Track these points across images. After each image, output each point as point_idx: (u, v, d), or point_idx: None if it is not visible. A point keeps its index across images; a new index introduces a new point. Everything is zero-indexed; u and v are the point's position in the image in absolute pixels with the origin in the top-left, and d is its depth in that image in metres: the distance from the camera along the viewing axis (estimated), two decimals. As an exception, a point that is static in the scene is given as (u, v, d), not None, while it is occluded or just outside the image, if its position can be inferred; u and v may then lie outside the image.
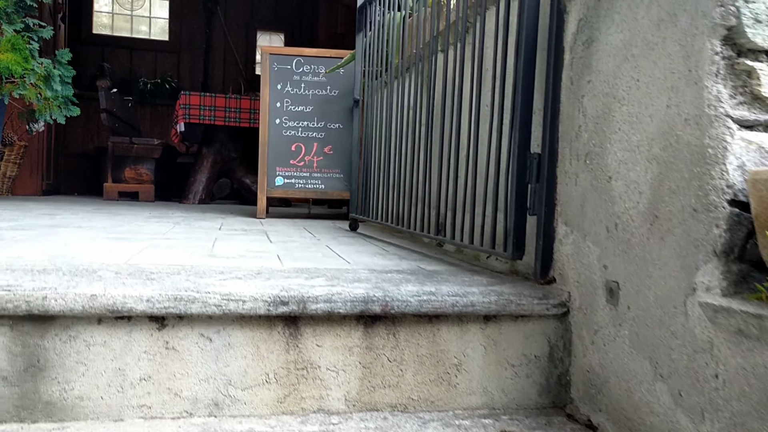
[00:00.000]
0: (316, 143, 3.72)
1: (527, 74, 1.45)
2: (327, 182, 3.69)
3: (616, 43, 1.21)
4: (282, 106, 3.71)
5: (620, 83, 1.19)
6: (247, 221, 3.30)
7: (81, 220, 2.82)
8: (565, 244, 1.38)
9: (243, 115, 5.32)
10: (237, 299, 1.20)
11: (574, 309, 1.35)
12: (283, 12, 8.93)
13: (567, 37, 1.40)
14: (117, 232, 2.33)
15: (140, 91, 8.01)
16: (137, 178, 5.45)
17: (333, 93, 3.77)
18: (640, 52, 1.13)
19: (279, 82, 3.72)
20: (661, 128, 1.07)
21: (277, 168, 3.65)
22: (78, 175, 7.42)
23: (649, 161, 1.10)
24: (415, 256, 1.94)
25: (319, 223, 3.41)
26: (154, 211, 3.82)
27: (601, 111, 1.26)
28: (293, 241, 2.27)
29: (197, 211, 4.06)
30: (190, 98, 5.18)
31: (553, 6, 1.41)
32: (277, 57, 3.74)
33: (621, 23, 1.20)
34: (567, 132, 1.38)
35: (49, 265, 1.40)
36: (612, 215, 1.21)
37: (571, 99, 1.37)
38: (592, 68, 1.29)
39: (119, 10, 8.39)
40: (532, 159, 1.45)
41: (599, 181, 1.26)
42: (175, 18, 8.48)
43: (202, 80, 8.56)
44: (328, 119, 3.74)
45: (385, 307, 1.26)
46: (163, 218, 3.24)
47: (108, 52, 8.23)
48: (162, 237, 2.19)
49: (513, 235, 1.46)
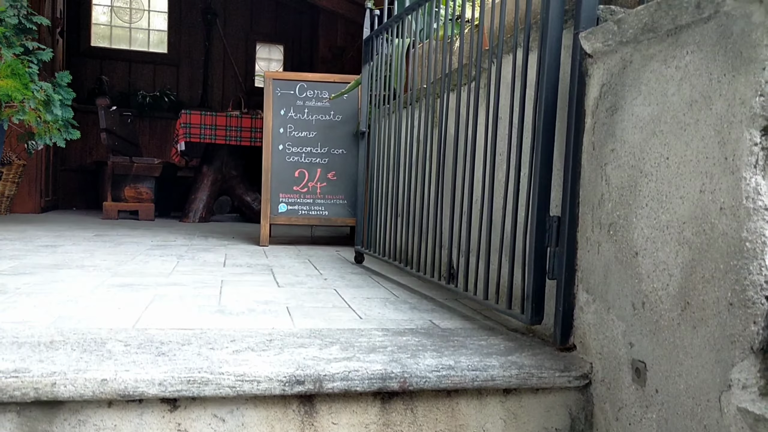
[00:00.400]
0: (319, 169, 3.68)
1: (546, 134, 1.42)
2: (330, 208, 3.65)
3: (643, 115, 1.18)
4: (285, 132, 3.67)
5: (647, 158, 1.16)
6: (251, 251, 3.26)
7: (83, 255, 2.78)
8: (587, 313, 1.35)
9: (244, 134, 5.28)
10: (251, 380, 1.16)
11: (596, 381, 1.31)
12: (283, 24, 8.90)
13: (589, 101, 1.36)
14: (121, 273, 2.29)
15: (139, 105, 7.97)
16: (137, 197, 5.41)
17: (336, 118, 3.73)
18: (670, 129, 1.10)
19: (282, 107, 3.68)
20: (693, 212, 1.03)
21: (281, 194, 3.61)
22: (76, 190, 7.36)
23: (680, 244, 1.06)
24: (426, 305, 1.90)
25: (324, 252, 3.37)
26: (156, 237, 3.78)
27: (626, 182, 1.22)
28: (301, 283, 2.23)
29: (199, 236, 4.02)
30: (191, 117, 5.14)
31: (574, 67, 1.38)
32: (280, 82, 3.71)
33: (648, 96, 1.17)
34: (588, 197, 1.35)
35: (56, 334, 1.36)
36: (639, 293, 1.17)
37: (593, 165, 1.33)
38: (616, 137, 1.26)
39: (118, 23, 8.35)
40: (552, 222, 1.41)
41: (624, 254, 1.22)
42: (174, 30, 8.44)
43: (202, 93, 8.52)
44: (332, 145, 3.71)
45: (404, 383, 1.22)
46: (165, 248, 3.19)
47: (107, 65, 8.18)
48: (167, 282, 2.14)
49: (531, 299, 1.42)
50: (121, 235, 3.82)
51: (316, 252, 3.33)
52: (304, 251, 3.34)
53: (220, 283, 2.16)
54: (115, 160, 5.30)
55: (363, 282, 2.32)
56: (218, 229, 4.71)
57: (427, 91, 2.22)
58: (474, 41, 1.97)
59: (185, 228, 4.69)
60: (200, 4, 8.49)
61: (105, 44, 8.29)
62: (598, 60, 1.34)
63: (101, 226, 4.49)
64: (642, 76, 1.19)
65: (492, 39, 1.87)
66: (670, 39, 1.11)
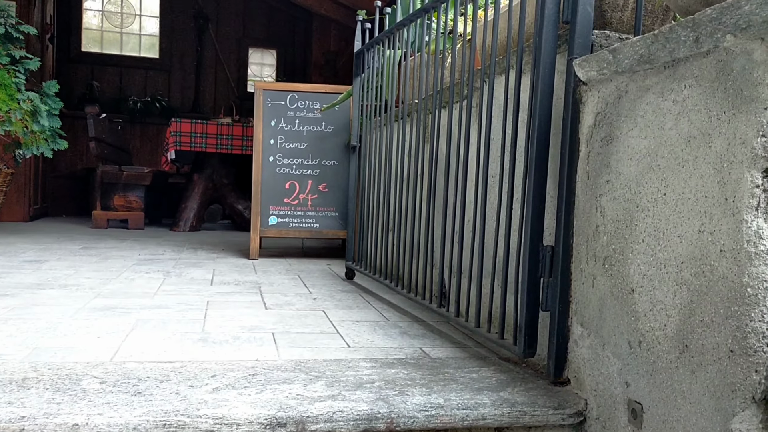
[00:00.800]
0: (310, 181, 3.63)
1: (540, 161, 1.38)
2: (322, 221, 3.61)
3: (639, 148, 1.14)
4: (276, 143, 3.62)
5: (644, 192, 1.12)
6: (240, 266, 3.21)
7: (67, 273, 2.72)
8: (581, 347, 1.30)
9: (235, 142, 5.23)
10: (231, 422, 1.11)
11: (591, 419, 1.27)
12: (276, 29, 8.84)
13: (583, 129, 1.32)
14: (104, 294, 2.23)
15: (130, 110, 7.89)
16: (126, 206, 5.34)
17: (328, 129, 3.68)
18: (668, 165, 1.06)
19: (273, 118, 3.63)
20: (692, 253, 0.99)
21: (271, 207, 3.56)
22: (66, 197, 7.29)
23: (679, 285, 1.02)
24: (417, 329, 1.86)
25: (314, 266, 3.33)
26: (144, 250, 3.72)
27: (621, 216, 1.18)
28: (289, 304, 2.18)
29: (188, 248, 3.96)
30: (181, 125, 5.08)
31: (568, 93, 1.34)
32: (270, 93, 3.66)
33: (645, 128, 1.13)
34: (583, 228, 1.31)
35: (30, 369, 1.31)
36: (635, 331, 1.13)
37: (588, 195, 1.29)
38: (611, 168, 1.22)
39: (109, 28, 8.28)
40: (545, 252, 1.37)
41: (620, 290, 1.18)
42: (166, 35, 8.37)
43: (194, 98, 8.45)
44: (323, 156, 3.66)
45: (390, 424, 1.18)
46: (152, 263, 3.14)
47: (98, 70, 8.10)
48: (151, 304, 2.09)
49: (524, 331, 1.38)
50: (108, 247, 3.76)
51: (307, 266, 3.28)
52: (295, 265, 3.29)
53: (206, 305, 2.11)
54: (104, 168, 5.23)
55: (353, 302, 2.27)
56: (208, 239, 4.65)
57: (418, 106, 2.18)
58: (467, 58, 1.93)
59: (175, 238, 4.63)
60: (192, 8, 8.42)
61: (96, 49, 8.21)
62: (592, 88, 1.30)
63: (89, 237, 4.42)
64: (638, 107, 1.15)
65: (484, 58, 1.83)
66: (668, 71, 1.07)
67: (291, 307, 2.13)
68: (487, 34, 1.89)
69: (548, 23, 1.36)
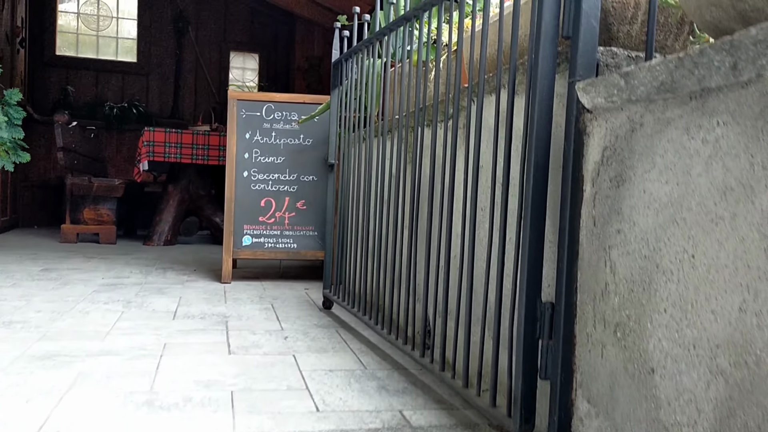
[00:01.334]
0: (287, 197, 3.41)
1: (537, 199, 1.17)
2: (299, 241, 3.39)
3: (659, 195, 0.93)
4: (251, 157, 3.40)
5: (665, 250, 0.92)
6: (210, 292, 2.99)
7: (17, 304, 2.48)
8: (589, 427, 1.10)
9: (212, 152, 4.99)
10: None
11: None
12: (258, 32, 8.60)
13: (587, 165, 1.12)
14: (51, 335, 2.00)
15: (106, 116, 7.61)
16: (97, 219, 5.09)
17: (307, 142, 3.47)
18: (696, 220, 0.86)
19: (247, 130, 3.41)
20: (731, 335, 0.79)
21: (245, 226, 3.33)
22: (39, 206, 7.01)
23: (713, 374, 0.82)
24: (397, 381, 1.65)
25: (290, 291, 3.11)
26: (110, 272, 3.48)
27: (637, 276, 0.98)
28: (256, 346, 1.97)
29: (158, 269, 3.73)
30: (155, 135, 4.84)
31: (569, 121, 1.14)
32: (245, 103, 3.43)
33: (666, 171, 0.92)
34: (589, 284, 1.10)
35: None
36: (656, 421, 0.93)
37: (595, 245, 1.09)
38: (623, 216, 1.01)
39: (85, 30, 8.00)
40: (544, 309, 1.16)
41: (636, 367, 0.97)
42: (144, 38, 8.10)
43: (172, 104, 8.19)
44: (301, 171, 3.44)
45: None
46: (114, 289, 2.90)
47: (72, 75, 7.82)
48: (99, 349, 1.87)
49: (520, 403, 1.17)
50: (71, 268, 3.52)
51: (282, 291, 3.06)
52: (269, 291, 3.07)
53: (162, 348, 1.89)
54: (73, 180, 4.98)
55: (328, 341, 2.06)
56: (182, 256, 4.42)
57: (399, 123, 1.98)
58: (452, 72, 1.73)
59: (147, 254, 4.39)
60: (171, 11, 8.17)
61: (71, 53, 7.94)
62: (599, 117, 1.09)
63: (55, 255, 4.18)
64: (656, 145, 0.95)
65: (471, 74, 1.63)
66: (694, 103, 0.87)
67: (258, 350, 1.91)
68: (475, 46, 1.69)
69: (545, 39, 1.16)
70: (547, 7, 1.15)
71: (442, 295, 1.56)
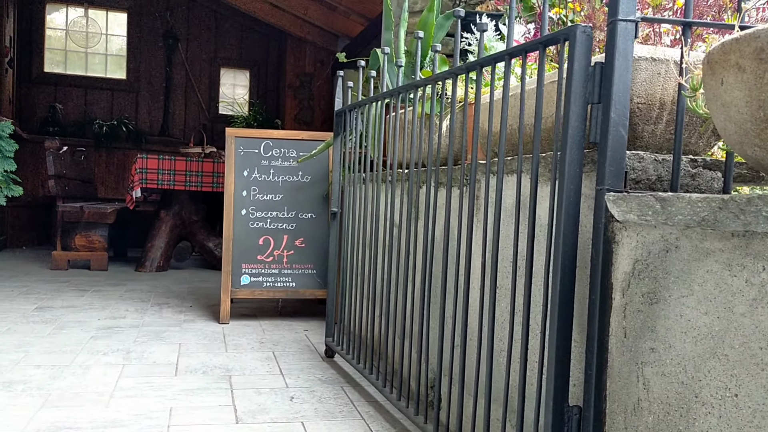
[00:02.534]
0: (286, 235, 3.39)
1: (563, 297, 1.16)
2: (298, 279, 3.36)
3: (697, 323, 0.93)
4: (249, 195, 3.37)
5: (705, 381, 0.91)
6: (209, 335, 2.95)
7: (14, 357, 2.43)
8: None
9: (205, 179, 4.95)
10: None
11: None
12: (249, 49, 8.57)
13: (617, 273, 1.11)
14: (53, 399, 1.96)
15: (95, 134, 7.53)
16: (89, 246, 5.02)
17: (305, 179, 3.45)
18: (740, 359, 0.85)
19: (245, 168, 3.38)
20: (779, 488, 0.79)
21: (243, 265, 3.30)
22: (27, 226, 6.91)
23: None
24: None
25: (291, 333, 3.09)
26: (105, 311, 3.43)
27: (673, 400, 0.97)
28: (264, 411, 1.94)
29: (153, 305, 3.69)
30: (148, 162, 4.80)
31: (597, 228, 1.13)
32: (243, 140, 3.41)
33: (705, 302, 0.92)
34: (619, 395, 1.10)
35: None
36: None
37: (626, 357, 1.08)
38: (658, 335, 1.01)
39: (73, 47, 7.92)
40: (571, 414, 1.15)
41: (672, 492, 0.97)
42: (133, 55, 8.03)
43: (162, 121, 8.12)
44: (300, 209, 3.42)
45: None
46: (112, 335, 2.86)
47: (61, 92, 7.73)
48: (104, 419, 1.83)
49: (547, 508, 1.16)
50: (65, 306, 3.46)
51: (282, 335, 3.03)
52: (269, 333, 3.04)
53: (168, 416, 1.85)
54: (63, 208, 4.91)
55: (335, 403, 2.04)
56: (176, 285, 4.37)
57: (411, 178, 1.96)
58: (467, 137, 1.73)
59: (140, 284, 4.34)
60: (161, 27, 8.11)
61: (60, 70, 7.85)
62: (629, 228, 1.09)
63: (47, 287, 4.11)
64: (694, 272, 0.94)
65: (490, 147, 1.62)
66: (737, 240, 0.87)
67: (266, 416, 1.89)
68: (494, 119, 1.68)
69: (572, 144, 1.15)
70: (574, 113, 1.14)
71: (459, 368, 1.55)
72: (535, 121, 1.27)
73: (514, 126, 1.56)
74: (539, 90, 1.27)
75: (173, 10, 8.20)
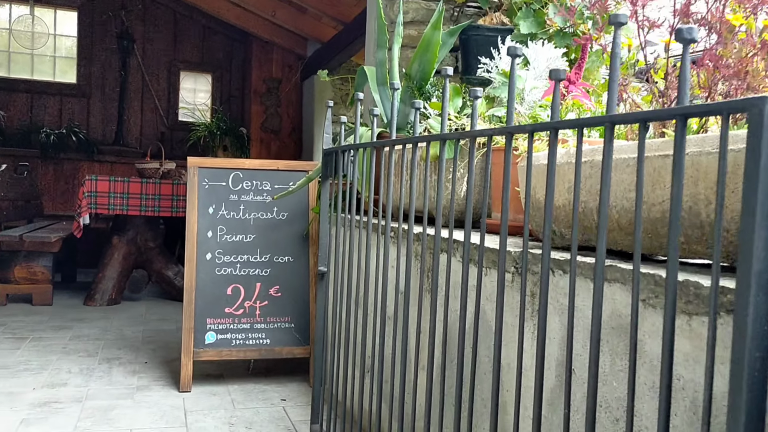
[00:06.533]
0: (259, 283, 2.91)
1: None
2: (273, 335, 2.88)
3: None
4: (215, 236, 2.88)
5: None
6: (168, 414, 2.46)
7: None
8: None
9: (163, 203, 4.43)
10: None
11: None
12: (211, 51, 7.99)
13: None
14: None
15: (42, 144, 6.86)
16: (30, 278, 4.44)
17: (281, 216, 2.97)
18: None
19: (211, 204, 2.89)
20: None
21: (208, 320, 2.81)
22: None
23: None
24: None
25: (266, 407, 2.62)
26: (42, 373, 2.90)
27: None
28: None
29: (102, 360, 3.17)
30: (97, 184, 4.26)
31: None
32: (208, 171, 2.92)
33: None
34: None
35: None
36: None
37: None
38: None
39: (17, 48, 7.24)
40: None
41: None
42: (85, 57, 7.38)
43: (117, 129, 7.48)
44: (275, 251, 2.95)
45: None
46: (48, 420, 2.35)
47: (3, 97, 7.04)
48: None
49: None
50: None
51: (257, 410, 2.55)
52: (240, 409, 2.56)
53: None
54: (2, 238, 4.32)
55: None
56: (129, 328, 3.84)
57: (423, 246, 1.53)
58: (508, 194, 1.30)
59: (88, 328, 3.80)
60: (115, 28, 7.48)
61: (2, 73, 7.17)
62: None
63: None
64: None
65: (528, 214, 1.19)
66: None
67: None
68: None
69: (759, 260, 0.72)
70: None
71: None
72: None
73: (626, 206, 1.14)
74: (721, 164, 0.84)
75: (128, 8, 7.58)
